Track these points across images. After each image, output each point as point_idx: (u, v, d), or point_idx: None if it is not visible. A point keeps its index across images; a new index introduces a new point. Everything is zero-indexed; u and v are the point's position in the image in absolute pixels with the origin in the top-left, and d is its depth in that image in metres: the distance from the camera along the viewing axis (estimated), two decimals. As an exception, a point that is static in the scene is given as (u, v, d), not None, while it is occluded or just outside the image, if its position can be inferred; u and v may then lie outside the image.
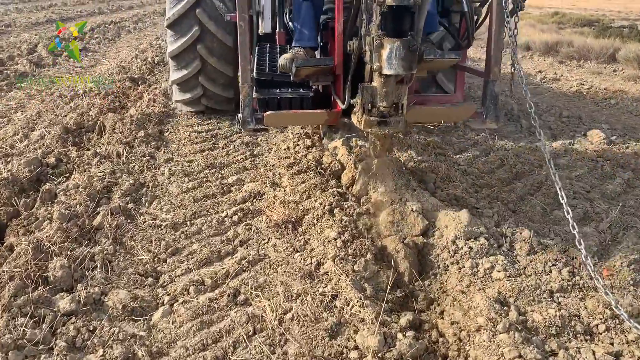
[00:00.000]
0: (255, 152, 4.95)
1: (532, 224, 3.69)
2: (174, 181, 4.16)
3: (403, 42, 2.58)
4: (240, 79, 3.25)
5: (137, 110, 5.70)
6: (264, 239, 3.29)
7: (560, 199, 3.05)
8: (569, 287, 2.85)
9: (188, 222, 3.51)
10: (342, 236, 3.14)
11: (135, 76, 7.64)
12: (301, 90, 3.78)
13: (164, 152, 4.84)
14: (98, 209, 3.50)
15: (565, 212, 2.94)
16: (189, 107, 6.00)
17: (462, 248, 3.17)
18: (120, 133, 5.00)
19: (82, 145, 4.88)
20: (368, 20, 2.77)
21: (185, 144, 5.12)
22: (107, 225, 3.27)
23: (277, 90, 3.76)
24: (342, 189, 4.23)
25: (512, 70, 3.24)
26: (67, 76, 7.98)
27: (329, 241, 3.11)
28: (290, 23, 4.19)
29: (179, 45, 5.41)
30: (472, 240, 3.22)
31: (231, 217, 3.56)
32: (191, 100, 5.84)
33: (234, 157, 4.81)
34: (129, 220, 3.46)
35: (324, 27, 3.79)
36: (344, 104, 3.30)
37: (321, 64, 3.46)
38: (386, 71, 2.63)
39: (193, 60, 5.50)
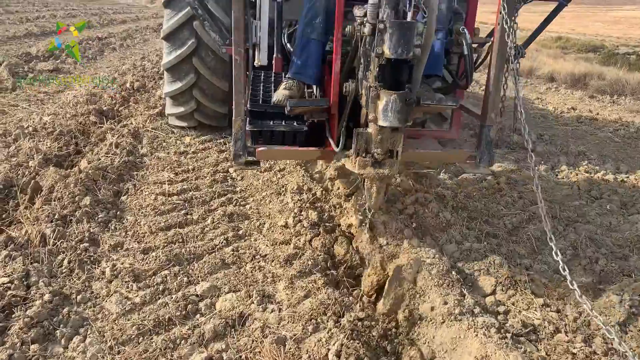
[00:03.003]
0: (240, 231, 3.60)
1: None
2: (116, 290, 2.80)
3: (400, 95, 2.56)
4: (234, 113, 3.16)
5: (90, 162, 4.36)
6: None
7: None
8: None
9: (120, 389, 2.15)
10: None
11: (105, 108, 6.32)
12: (295, 124, 3.67)
13: (114, 231, 3.49)
14: (-30, 366, 2.15)
15: None
16: (180, 121, 5.90)
17: None
18: (58, 200, 3.65)
19: (1, 218, 3.53)
20: (365, 67, 2.80)
21: (148, 214, 3.77)
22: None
23: (271, 123, 3.66)
24: (363, 302, 2.91)
25: (515, 117, 2.94)
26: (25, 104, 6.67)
27: None
28: (288, 44, 4.10)
29: (174, 57, 5.39)
30: None
31: (192, 379, 2.21)
32: (183, 114, 5.79)
33: (211, 239, 3.46)
34: (19, 389, 2.10)
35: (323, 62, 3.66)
36: (337, 145, 3.25)
37: (316, 105, 3.39)
38: (381, 123, 2.62)
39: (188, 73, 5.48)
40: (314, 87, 3.74)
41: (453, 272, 3.05)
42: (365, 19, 2.58)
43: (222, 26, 5.25)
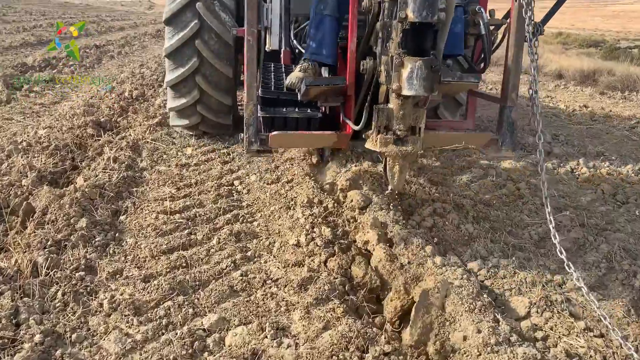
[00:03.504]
0: (249, 252, 3.34)
1: None
2: (115, 326, 2.53)
3: (425, 61, 2.46)
4: (245, 97, 3.10)
5: (87, 179, 4.10)
6: None
7: None
8: None
9: None
10: None
11: (103, 119, 6.07)
12: (309, 111, 3.59)
13: (112, 255, 3.22)
14: None
15: None
16: (182, 118, 5.60)
17: None
18: (52, 223, 3.40)
19: (-9, 244, 3.27)
20: (385, 39, 2.70)
21: (148, 235, 3.51)
22: None
23: (284, 110, 3.59)
24: (388, 332, 2.64)
25: (530, 97, 2.78)
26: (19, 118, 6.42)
27: None
28: (295, 41, 4.06)
29: (176, 40, 5.15)
30: None
31: None
32: (185, 108, 5.46)
33: (217, 262, 3.20)
34: None
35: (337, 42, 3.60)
36: (357, 125, 3.17)
37: (333, 84, 3.28)
38: (406, 92, 2.51)
39: (191, 58, 5.21)
40: (328, 72, 3.62)
41: (484, 295, 2.78)
42: None
43: (227, 9, 5.09)
